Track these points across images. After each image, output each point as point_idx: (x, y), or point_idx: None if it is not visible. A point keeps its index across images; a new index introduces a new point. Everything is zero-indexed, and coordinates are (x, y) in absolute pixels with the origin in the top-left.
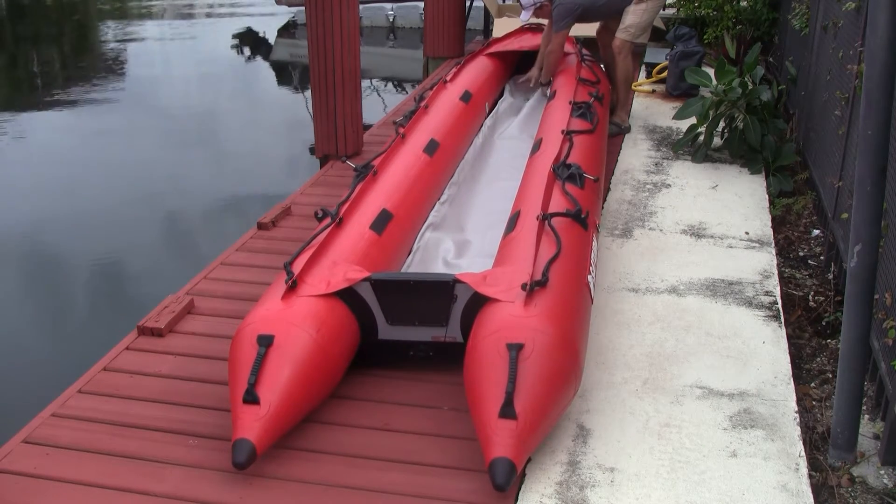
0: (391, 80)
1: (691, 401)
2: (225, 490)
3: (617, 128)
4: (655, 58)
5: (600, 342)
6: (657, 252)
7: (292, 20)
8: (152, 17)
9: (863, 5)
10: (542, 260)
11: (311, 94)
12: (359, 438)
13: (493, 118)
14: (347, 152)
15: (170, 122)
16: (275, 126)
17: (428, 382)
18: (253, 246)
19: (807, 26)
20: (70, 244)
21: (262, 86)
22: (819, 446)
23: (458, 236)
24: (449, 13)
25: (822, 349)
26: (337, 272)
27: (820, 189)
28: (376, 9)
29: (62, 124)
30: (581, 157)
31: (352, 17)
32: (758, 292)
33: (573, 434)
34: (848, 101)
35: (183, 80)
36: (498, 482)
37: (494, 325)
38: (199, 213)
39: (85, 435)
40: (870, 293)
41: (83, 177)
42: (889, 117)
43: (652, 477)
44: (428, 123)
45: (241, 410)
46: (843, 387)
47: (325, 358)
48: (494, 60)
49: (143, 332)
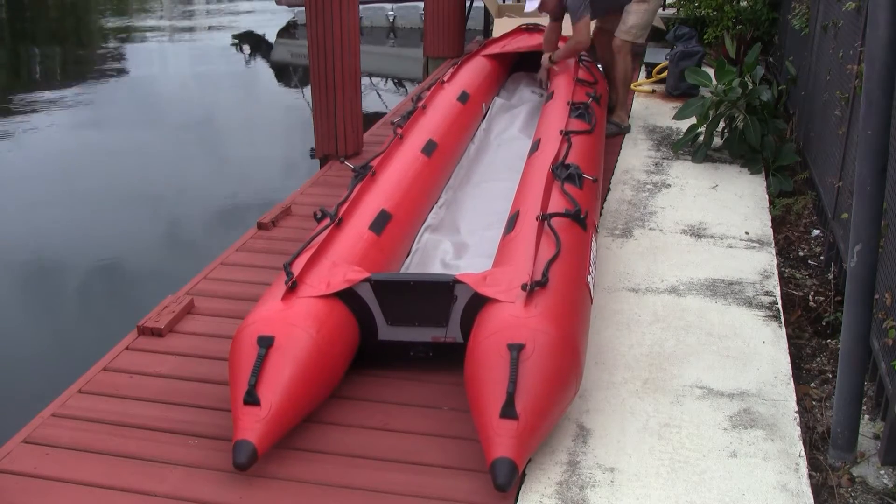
0: (391, 80)
1: (691, 401)
2: (225, 490)
3: (616, 128)
4: (655, 58)
5: (600, 342)
6: (657, 252)
7: (292, 20)
8: (152, 15)
9: (863, 5)
10: (542, 260)
11: (311, 94)
12: (359, 438)
13: (491, 119)
14: (347, 152)
15: (170, 122)
16: (274, 126)
17: (428, 382)
18: (253, 246)
19: (807, 26)
20: (70, 244)
21: (261, 86)
22: (819, 446)
23: (456, 237)
24: (449, 13)
25: (822, 349)
26: (336, 273)
27: (820, 189)
28: (376, 9)
29: (61, 124)
30: (579, 158)
31: (352, 17)
32: (758, 292)
33: (573, 434)
34: (848, 101)
35: (183, 81)
36: (499, 482)
37: (495, 326)
38: (199, 213)
39: (85, 435)
40: (870, 293)
41: (83, 177)
42: (889, 117)
43: (652, 477)
44: (426, 124)
45: (241, 411)
46: (843, 387)
47: (326, 358)
48: (491, 61)
49: (143, 332)
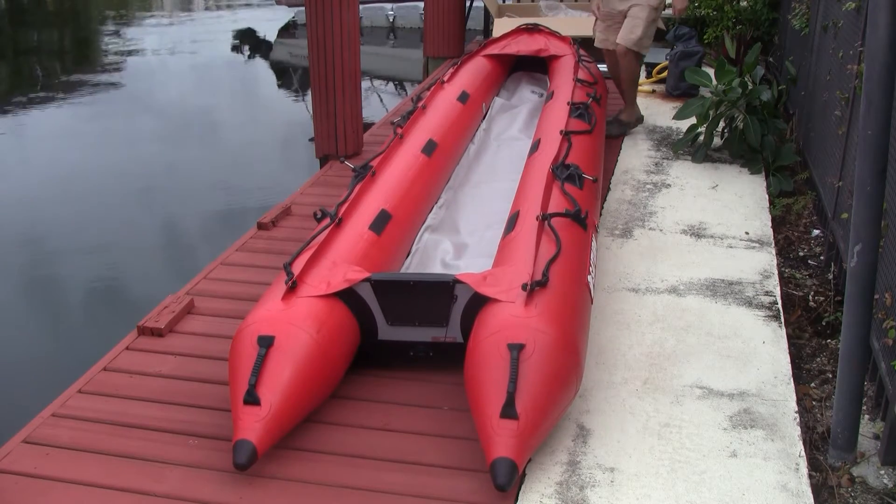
0: (391, 80)
1: (691, 401)
2: (225, 490)
3: (620, 127)
4: (655, 58)
5: (600, 342)
6: (657, 252)
7: (292, 20)
8: (152, 15)
9: (863, 5)
10: (542, 260)
11: (311, 94)
12: (359, 438)
13: (491, 119)
14: (347, 152)
15: (169, 123)
16: (274, 126)
17: (428, 382)
18: (253, 246)
19: (807, 26)
20: (70, 244)
21: (261, 86)
22: (819, 446)
23: (456, 237)
24: (449, 13)
25: (822, 349)
26: (337, 273)
27: (820, 189)
28: (376, 9)
29: (60, 123)
30: (579, 158)
31: (352, 17)
32: (758, 292)
33: (573, 434)
34: (848, 101)
35: (183, 81)
36: (500, 482)
37: (495, 326)
38: (199, 213)
39: (85, 435)
40: (870, 293)
41: (82, 176)
42: (889, 118)
43: (652, 477)
44: (426, 124)
45: (241, 411)
46: (843, 387)
47: (326, 358)
48: (491, 61)
49: (143, 332)
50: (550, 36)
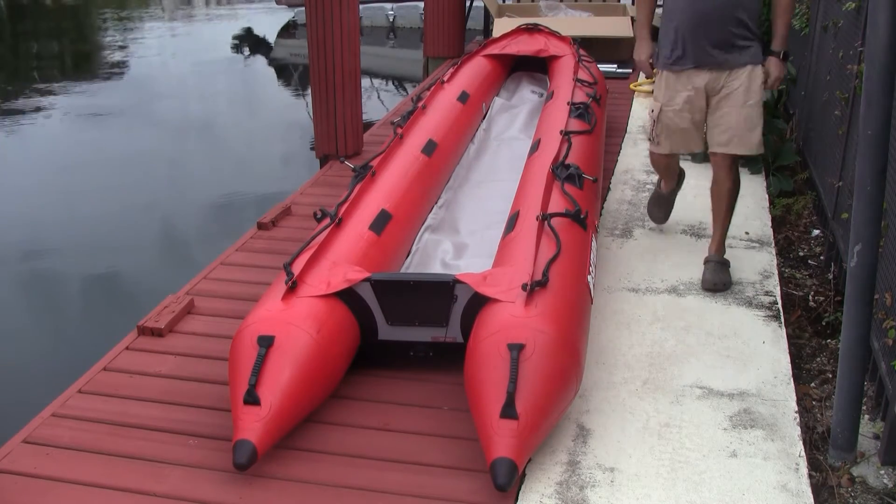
0: (391, 80)
1: (691, 401)
2: (225, 490)
3: (726, 274)
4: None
5: (600, 342)
6: (657, 252)
7: (292, 20)
8: (151, 17)
9: (863, 5)
10: (542, 260)
11: (311, 94)
12: (359, 438)
13: (491, 119)
14: (347, 152)
15: (169, 123)
16: (274, 126)
17: (428, 382)
18: (253, 246)
19: (807, 26)
20: (70, 244)
21: (261, 86)
22: (819, 446)
23: (456, 237)
24: (449, 13)
25: (822, 349)
26: (337, 273)
27: (820, 189)
28: (376, 9)
29: (60, 123)
30: (579, 158)
31: (352, 17)
32: (758, 292)
33: (573, 434)
34: (848, 101)
35: (183, 81)
36: (500, 482)
37: (495, 326)
38: (199, 213)
39: (85, 435)
40: (870, 293)
41: (82, 176)
42: (889, 117)
43: (652, 477)
44: (425, 124)
45: (241, 411)
46: (843, 387)
47: (326, 358)
48: (491, 61)
49: (143, 332)
50: (550, 36)
